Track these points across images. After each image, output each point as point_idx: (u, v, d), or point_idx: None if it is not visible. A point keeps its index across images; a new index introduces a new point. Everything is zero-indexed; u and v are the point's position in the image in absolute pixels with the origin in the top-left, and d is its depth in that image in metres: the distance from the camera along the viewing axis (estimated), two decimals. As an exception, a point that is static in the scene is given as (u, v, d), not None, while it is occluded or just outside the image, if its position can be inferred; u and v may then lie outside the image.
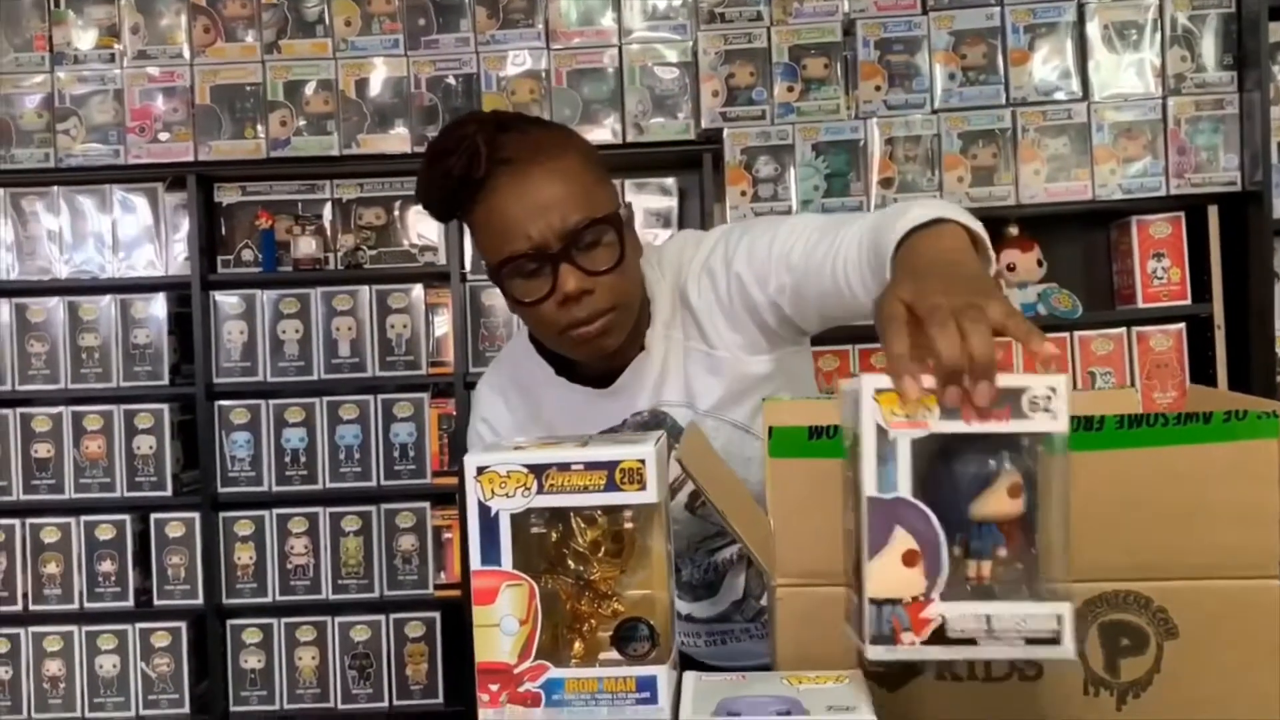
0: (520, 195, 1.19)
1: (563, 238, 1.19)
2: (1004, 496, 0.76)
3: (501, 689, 0.78)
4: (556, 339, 1.26)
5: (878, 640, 0.75)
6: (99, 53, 2.77)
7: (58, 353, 2.79)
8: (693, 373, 1.31)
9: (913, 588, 0.75)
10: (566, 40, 2.72)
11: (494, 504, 0.78)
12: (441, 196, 1.23)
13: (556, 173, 1.20)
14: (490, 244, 1.23)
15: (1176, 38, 2.63)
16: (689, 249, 1.34)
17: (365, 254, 2.85)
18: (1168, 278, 2.67)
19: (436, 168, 1.22)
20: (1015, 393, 0.75)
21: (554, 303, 1.21)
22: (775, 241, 1.23)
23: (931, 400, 0.74)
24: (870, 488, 0.75)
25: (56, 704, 2.78)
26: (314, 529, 2.78)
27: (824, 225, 1.21)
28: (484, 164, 1.19)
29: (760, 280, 1.24)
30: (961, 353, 0.75)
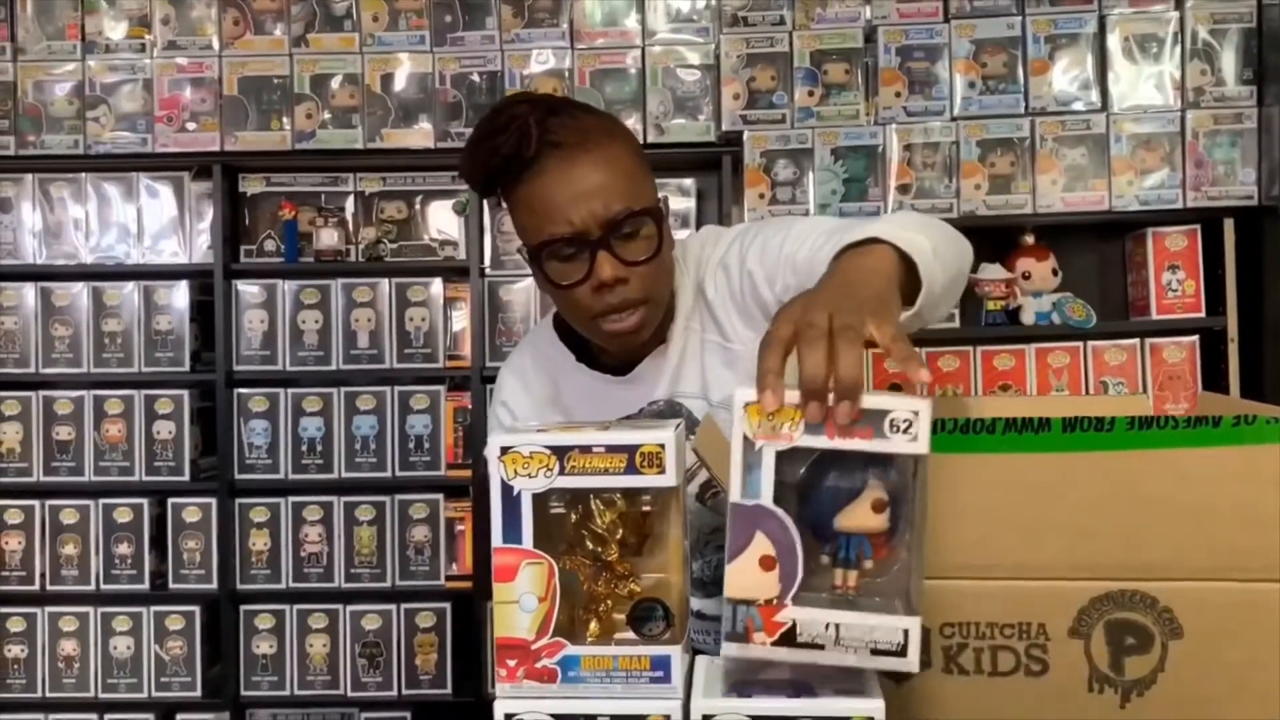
0: (566, 179, 1.21)
1: (604, 225, 1.21)
2: (868, 510, 0.80)
3: (519, 664, 0.80)
4: (588, 325, 1.28)
5: (731, 638, 0.78)
6: (130, 42, 2.81)
7: (81, 337, 2.82)
8: (709, 365, 1.33)
9: (767, 590, 0.78)
10: (590, 40, 2.75)
11: (516, 484, 0.80)
12: (487, 172, 1.25)
13: (603, 160, 1.22)
14: (531, 224, 1.24)
15: (1197, 51, 2.63)
16: (709, 245, 1.36)
17: (386, 247, 2.88)
18: (1182, 290, 2.68)
19: (485, 144, 1.23)
20: (879, 414, 0.77)
21: (589, 288, 1.22)
22: (786, 242, 1.25)
23: (795, 414, 0.78)
24: (735, 494, 0.78)
25: (70, 683, 2.81)
26: (328, 518, 2.81)
27: (832, 229, 1.22)
28: (534, 144, 1.20)
29: (770, 279, 1.26)
30: (824, 372, 0.78)
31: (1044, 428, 0.92)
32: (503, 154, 1.21)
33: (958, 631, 0.95)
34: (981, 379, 2.69)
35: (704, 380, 1.33)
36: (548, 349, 1.41)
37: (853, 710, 0.75)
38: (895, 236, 0.99)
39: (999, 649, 0.95)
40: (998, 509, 0.94)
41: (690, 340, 1.34)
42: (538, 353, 1.42)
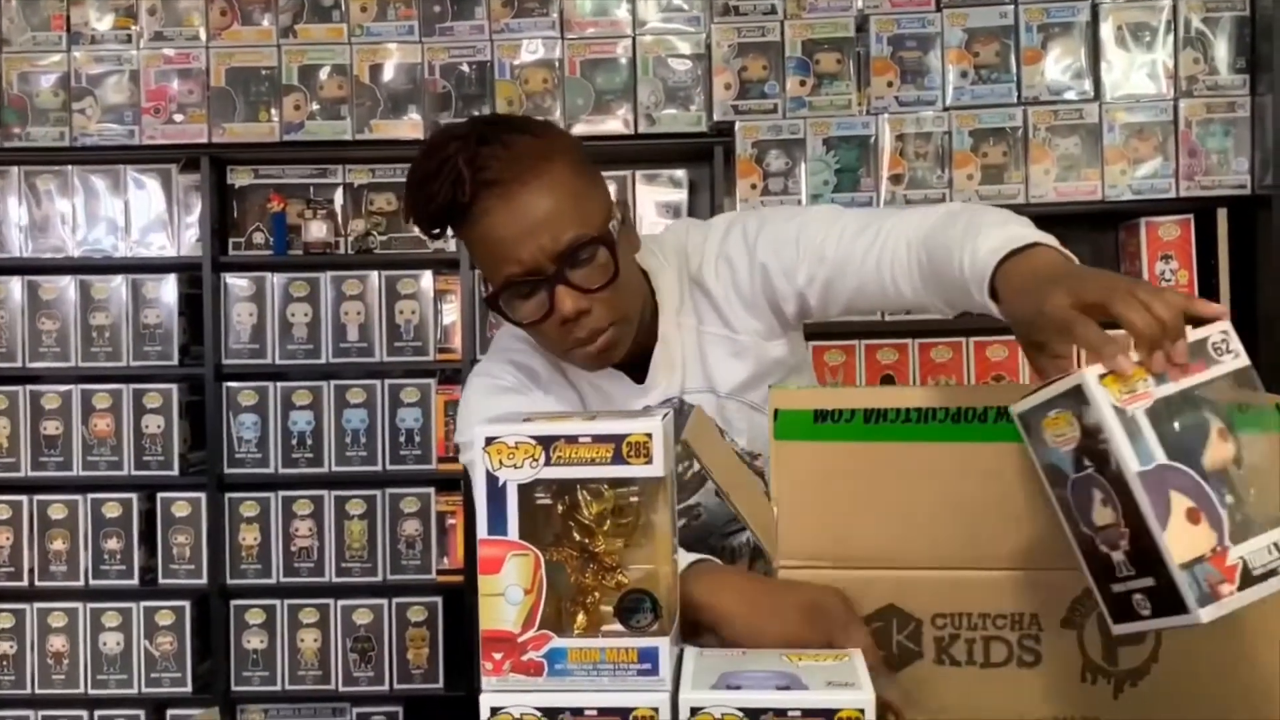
0: (509, 217, 1.17)
1: (555, 259, 1.17)
2: (1220, 443, 0.81)
3: (505, 657, 0.79)
4: (563, 356, 1.27)
5: (1203, 602, 0.77)
6: (116, 33, 2.79)
7: (68, 331, 2.81)
8: (714, 357, 1.31)
9: (1208, 541, 0.78)
10: (580, 30, 2.73)
11: (502, 474, 0.79)
12: (430, 220, 1.22)
13: (543, 189, 1.17)
14: (486, 266, 1.22)
15: (1189, 40, 2.63)
16: (695, 235, 1.33)
17: (375, 239, 2.86)
18: (1176, 280, 2.67)
19: (421, 193, 1.20)
20: (1199, 345, 0.81)
21: (554, 323, 1.20)
22: (804, 233, 1.24)
23: (1141, 372, 0.80)
24: (1133, 464, 0.78)
25: (60, 679, 2.80)
26: (319, 512, 2.80)
27: (857, 219, 1.22)
28: (469, 187, 1.16)
29: (788, 271, 1.24)
30: (1155, 321, 0.81)
31: (1037, 418, 0.91)
32: (439, 202, 1.18)
33: (950, 622, 0.95)
34: (974, 370, 2.69)
35: (707, 373, 1.31)
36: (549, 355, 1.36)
37: (843, 702, 0.74)
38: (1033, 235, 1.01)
39: (991, 640, 0.94)
40: (990, 499, 0.94)
41: (685, 334, 1.31)
42: (531, 358, 1.35)
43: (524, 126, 1.24)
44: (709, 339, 1.31)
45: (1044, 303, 0.88)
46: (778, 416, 0.95)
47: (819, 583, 0.95)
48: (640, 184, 2.78)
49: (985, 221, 1.06)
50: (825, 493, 0.96)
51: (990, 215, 1.09)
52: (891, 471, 0.94)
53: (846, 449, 0.94)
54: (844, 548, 0.95)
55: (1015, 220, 1.07)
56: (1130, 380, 0.80)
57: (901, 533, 0.94)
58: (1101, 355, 0.82)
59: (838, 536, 0.95)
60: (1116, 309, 0.83)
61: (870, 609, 0.95)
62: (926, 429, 0.93)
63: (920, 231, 1.14)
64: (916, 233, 1.15)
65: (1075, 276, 0.91)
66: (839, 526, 0.95)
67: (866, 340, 2.68)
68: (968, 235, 1.05)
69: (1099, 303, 0.84)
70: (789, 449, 0.96)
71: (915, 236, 1.15)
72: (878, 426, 0.94)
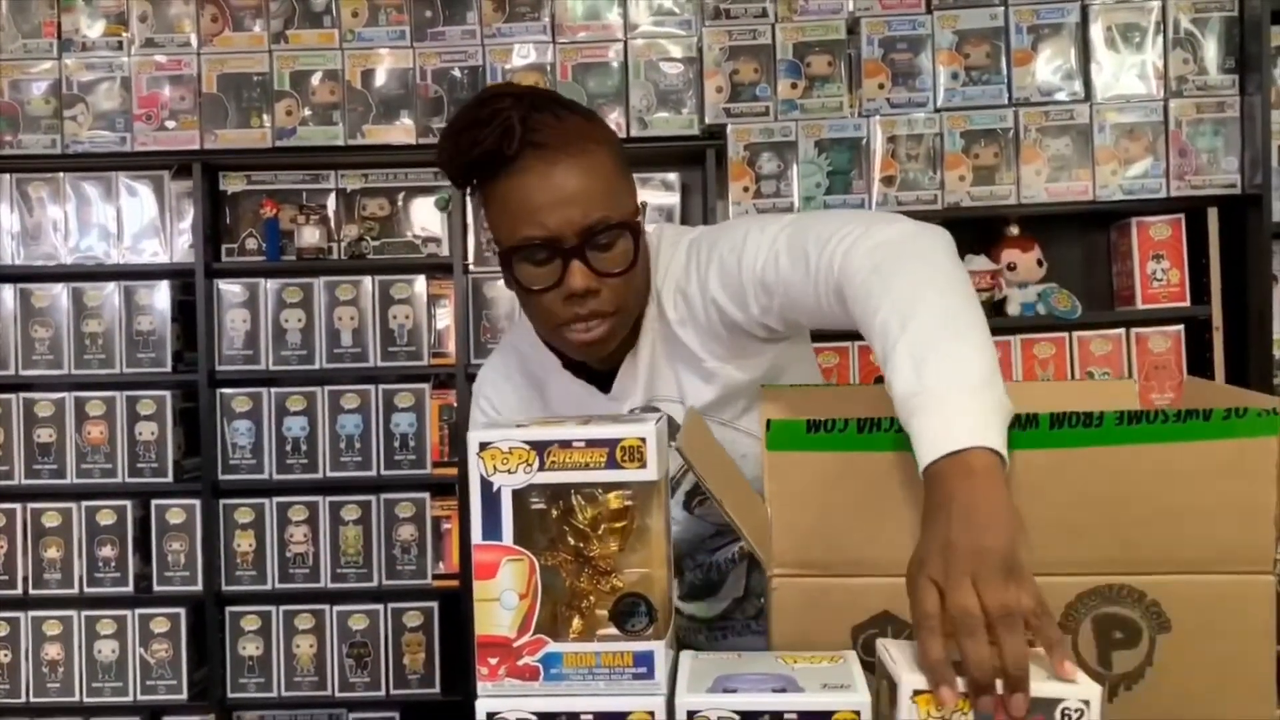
0: (546, 182, 1.17)
1: (580, 233, 1.18)
2: None
3: (500, 662, 0.79)
4: (552, 331, 1.25)
5: None
6: (107, 40, 2.78)
7: (61, 338, 2.80)
8: (683, 375, 1.29)
9: None
10: (572, 34, 2.73)
11: (496, 480, 0.79)
12: (466, 164, 1.21)
13: (585, 166, 1.18)
14: (505, 224, 1.21)
15: (1179, 40, 2.64)
16: (664, 253, 1.30)
17: (369, 244, 2.86)
18: (1167, 279, 2.68)
19: (466, 135, 1.19)
20: (1051, 703, 0.76)
21: (558, 295, 1.19)
22: (744, 261, 1.19)
23: (965, 705, 0.76)
24: None
25: (55, 688, 2.79)
26: (314, 518, 2.79)
27: (788, 241, 1.16)
28: (517, 142, 1.16)
29: (739, 303, 1.21)
30: (993, 668, 0.77)
31: (1031, 423, 0.91)
32: (484, 148, 1.17)
33: (944, 627, 0.94)
34: (968, 371, 2.68)
35: (680, 388, 1.30)
36: (533, 353, 1.37)
37: (838, 705, 0.75)
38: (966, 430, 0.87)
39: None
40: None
41: (659, 346, 1.30)
42: (524, 356, 1.39)
43: (575, 107, 1.25)
44: (678, 357, 1.29)
45: (915, 570, 0.84)
46: (770, 427, 0.95)
47: (813, 589, 0.95)
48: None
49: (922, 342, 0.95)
50: (819, 501, 0.95)
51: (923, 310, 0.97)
52: (885, 480, 0.93)
53: (840, 458, 0.94)
54: (838, 555, 0.95)
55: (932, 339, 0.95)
56: (947, 710, 0.76)
57: (896, 540, 0.93)
58: (929, 677, 0.78)
59: (832, 544, 0.95)
60: (961, 639, 0.78)
61: (864, 616, 0.95)
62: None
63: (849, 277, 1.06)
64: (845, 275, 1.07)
65: (954, 556, 0.82)
66: (833, 535, 0.95)
67: (860, 342, 2.69)
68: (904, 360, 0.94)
69: (956, 620, 0.79)
70: (783, 459, 0.96)
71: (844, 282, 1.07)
72: (871, 436, 0.94)
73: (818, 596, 0.95)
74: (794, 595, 0.95)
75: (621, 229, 1.20)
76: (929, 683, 0.77)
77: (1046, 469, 0.91)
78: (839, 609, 0.94)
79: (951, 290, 1.00)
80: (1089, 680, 0.77)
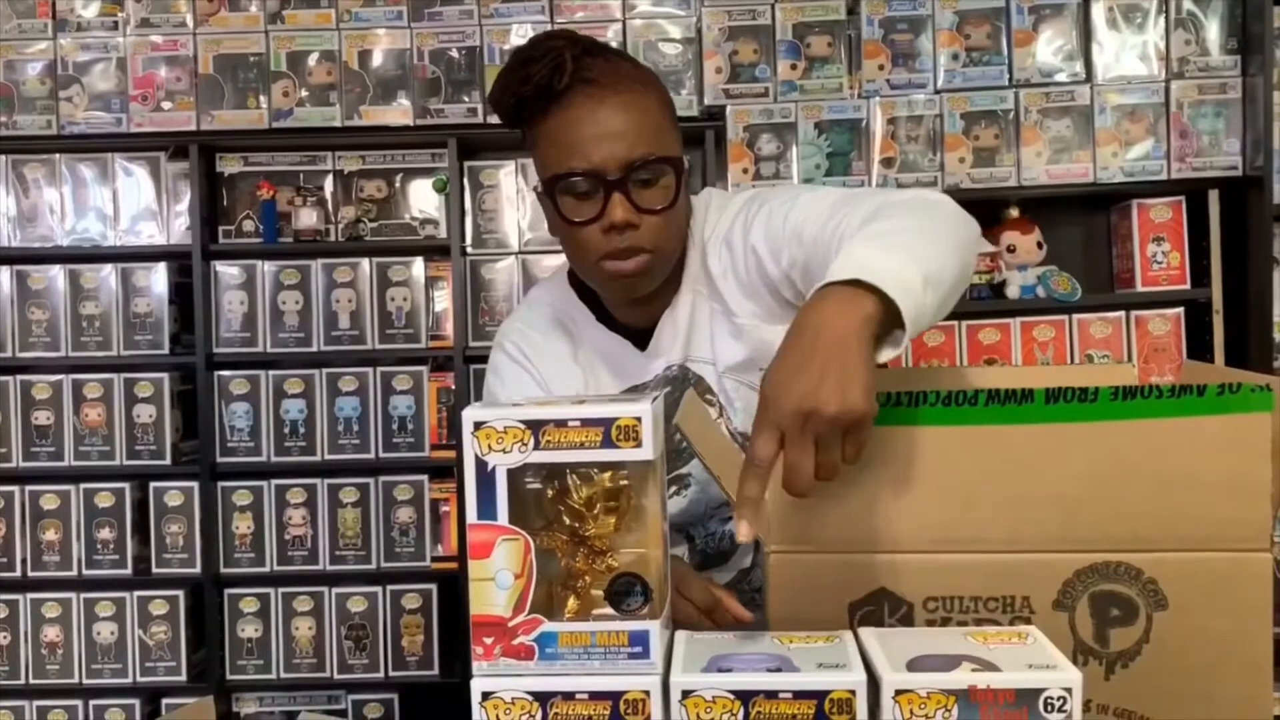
0: (593, 116, 1.21)
1: (623, 167, 1.21)
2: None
3: (496, 642, 0.79)
4: (591, 267, 1.28)
5: None
6: (102, 20, 2.77)
7: (58, 321, 2.79)
8: (717, 333, 1.32)
9: None
10: (570, 14, 2.72)
11: (490, 459, 0.79)
12: (516, 101, 1.24)
13: (633, 105, 1.23)
14: (551, 157, 1.24)
15: (1180, 21, 2.62)
16: (713, 211, 1.35)
17: (366, 226, 2.85)
18: (1167, 262, 2.67)
19: (518, 73, 1.23)
20: (1034, 693, 0.75)
21: (598, 228, 1.23)
22: (791, 215, 1.23)
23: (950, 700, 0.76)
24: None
25: (54, 670, 2.80)
26: (312, 500, 2.79)
27: (836, 202, 1.20)
28: (567, 78, 1.21)
29: (774, 254, 1.25)
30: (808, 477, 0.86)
31: (1027, 399, 0.91)
32: (535, 83, 1.21)
33: (941, 605, 0.94)
34: (966, 353, 2.69)
35: (713, 346, 1.32)
36: (566, 305, 1.40)
37: (834, 684, 0.74)
38: (882, 273, 0.90)
39: (983, 622, 0.94)
40: (981, 481, 0.93)
41: (699, 303, 1.33)
42: (556, 307, 1.42)
43: (630, 57, 1.33)
44: (715, 315, 1.32)
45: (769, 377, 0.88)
46: (770, 401, 0.95)
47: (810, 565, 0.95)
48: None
49: (878, 220, 1.04)
50: (816, 477, 0.95)
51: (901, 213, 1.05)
52: (882, 455, 0.93)
53: None
54: (835, 531, 0.95)
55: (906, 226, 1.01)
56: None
57: (892, 516, 0.93)
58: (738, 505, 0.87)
59: (828, 520, 0.95)
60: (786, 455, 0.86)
61: (862, 592, 0.95)
62: (916, 412, 0.93)
63: (858, 219, 1.12)
64: (855, 220, 1.12)
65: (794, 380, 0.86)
66: (829, 511, 0.95)
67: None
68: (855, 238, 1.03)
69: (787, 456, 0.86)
70: (780, 434, 0.95)
71: (852, 225, 1.12)
72: (868, 411, 0.93)
73: (815, 573, 0.95)
74: (791, 571, 0.95)
75: (664, 165, 1.24)
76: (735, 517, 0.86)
77: (1042, 445, 0.91)
78: (836, 585, 0.94)
79: (943, 225, 1.05)
80: (1070, 667, 0.77)
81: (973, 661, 0.77)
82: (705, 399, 1.32)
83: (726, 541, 1.42)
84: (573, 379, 1.37)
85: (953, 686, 0.74)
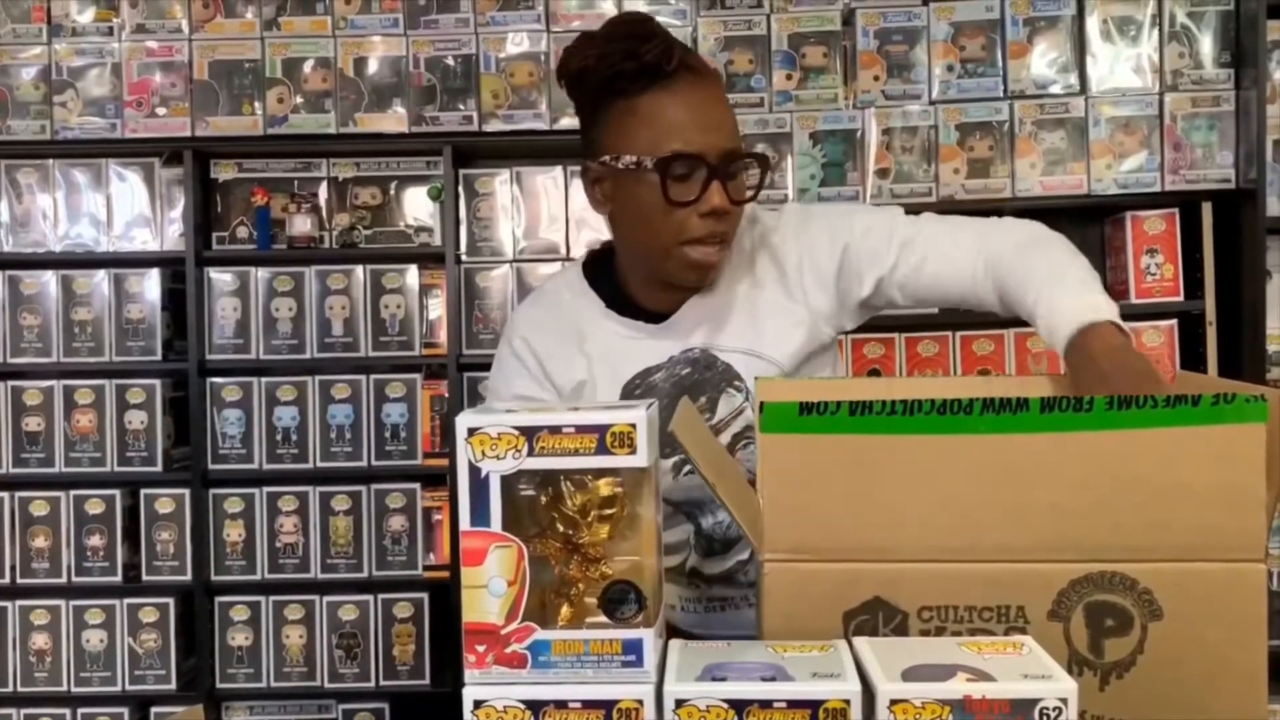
0: (700, 103, 1.26)
1: (724, 156, 1.25)
2: None
3: (488, 650, 0.78)
4: (672, 250, 1.28)
5: None
6: (97, 25, 2.77)
7: (50, 326, 2.78)
8: (770, 321, 1.35)
9: None
10: (566, 23, 2.72)
11: (484, 465, 0.78)
12: (612, 72, 1.25)
13: (725, 101, 1.30)
14: (647, 136, 1.25)
15: (1175, 34, 2.63)
16: (767, 211, 1.41)
17: (360, 233, 2.85)
18: (1161, 274, 2.68)
19: (622, 45, 1.24)
20: (1029, 703, 0.75)
21: (694, 212, 1.25)
22: (894, 224, 1.33)
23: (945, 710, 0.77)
24: None
25: (43, 677, 2.78)
26: (304, 508, 2.78)
27: (939, 221, 1.33)
28: (676, 61, 1.24)
29: (873, 254, 1.32)
30: None
31: (1023, 408, 0.91)
32: (643, 60, 1.23)
33: (936, 615, 0.94)
34: (960, 363, 2.69)
35: (756, 333, 1.34)
36: (573, 299, 1.40)
37: (829, 693, 0.74)
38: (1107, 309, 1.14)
39: (978, 632, 0.94)
40: (976, 491, 0.93)
41: (738, 292, 1.35)
42: (561, 303, 1.41)
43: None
44: (766, 304, 1.35)
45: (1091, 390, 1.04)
46: (764, 409, 0.95)
47: (805, 574, 0.94)
48: (627, 178, 2.77)
49: (1063, 272, 1.19)
50: (811, 485, 0.95)
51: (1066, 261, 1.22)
52: (877, 464, 0.93)
53: (832, 441, 0.94)
54: (830, 540, 0.94)
55: (1088, 278, 1.18)
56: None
57: (887, 525, 0.93)
58: None
59: (824, 529, 0.94)
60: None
61: (856, 602, 0.94)
62: (912, 421, 0.93)
63: (1003, 247, 1.26)
64: (998, 247, 1.26)
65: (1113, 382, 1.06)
66: (825, 519, 0.94)
67: (853, 335, 2.67)
68: (1047, 281, 1.18)
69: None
70: (775, 441, 0.95)
71: (996, 251, 1.26)
72: (863, 419, 0.93)
73: (810, 582, 0.94)
74: (786, 580, 0.95)
75: (755, 160, 1.31)
76: None
77: (1038, 454, 0.91)
78: (831, 595, 0.94)
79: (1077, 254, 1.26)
80: (1065, 677, 0.76)
81: (968, 671, 0.77)
82: (733, 386, 1.34)
83: (734, 531, 1.42)
84: (575, 368, 1.37)
85: (948, 696, 0.74)
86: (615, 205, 1.32)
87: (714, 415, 1.34)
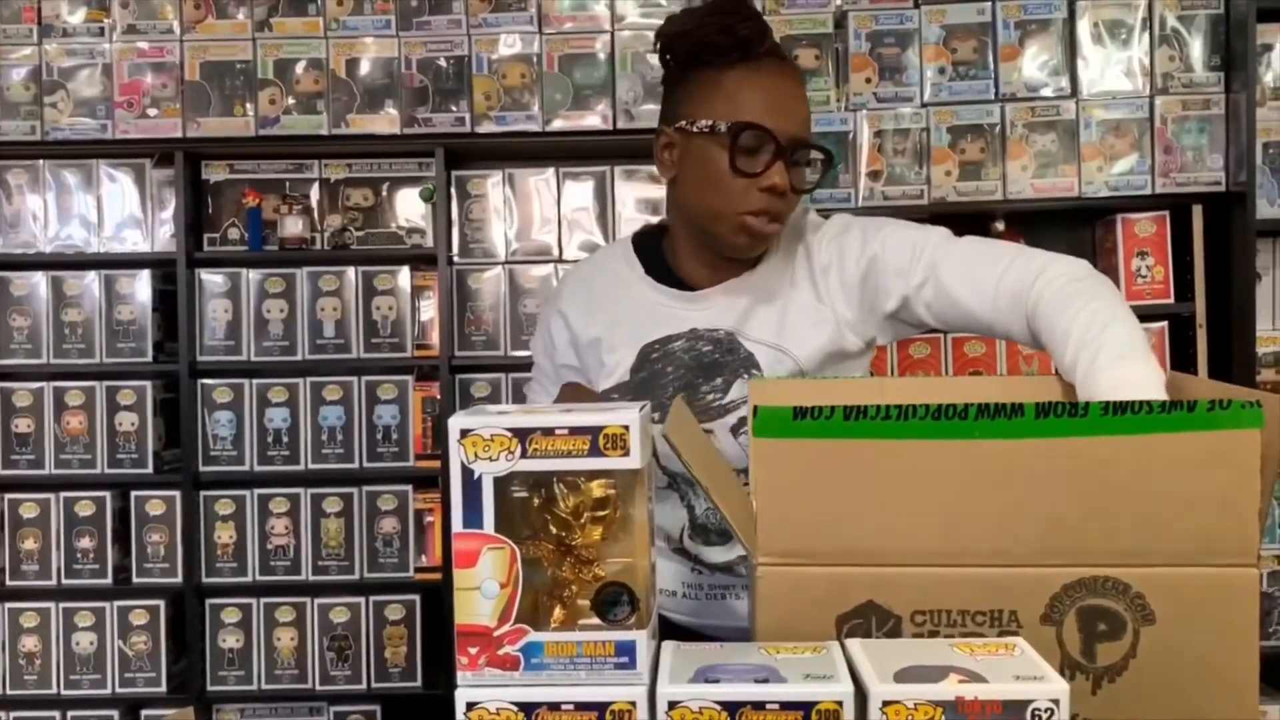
0: (781, 86, 1.33)
1: (791, 141, 1.31)
2: None
3: (481, 652, 0.78)
4: (730, 218, 1.34)
5: None
6: (88, 26, 2.76)
7: (40, 327, 2.77)
8: (795, 318, 1.38)
9: None
10: (559, 25, 2.72)
11: (477, 467, 0.78)
12: (704, 43, 1.32)
13: (804, 96, 1.37)
14: (728, 107, 1.32)
15: (1165, 37, 2.64)
16: (813, 216, 1.45)
17: (352, 235, 2.84)
18: (1151, 276, 2.69)
19: (717, 20, 1.32)
20: (1021, 704, 0.75)
21: (757, 185, 1.31)
22: (926, 241, 1.34)
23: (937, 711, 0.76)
24: None
25: (32, 680, 2.77)
26: (295, 509, 2.77)
27: (978, 244, 1.34)
28: (767, 43, 1.32)
29: (901, 269, 1.34)
30: None
31: (1017, 413, 0.91)
32: (737, 35, 1.30)
33: (929, 619, 0.94)
34: (952, 365, 2.70)
35: (782, 328, 1.37)
36: (614, 263, 1.49)
37: (821, 695, 0.74)
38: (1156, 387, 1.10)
39: (970, 636, 0.94)
40: (970, 495, 0.93)
41: (774, 285, 1.40)
42: (604, 264, 1.51)
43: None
44: (797, 303, 1.39)
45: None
46: (757, 413, 0.95)
47: (798, 579, 0.94)
48: (619, 180, 2.77)
49: (1100, 335, 1.15)
50: (804, 490, 0.95)
51: (1108, 317, 1.17)
52: (871, 469, 0.93)
53: (826, 446, 0.94)
54: (823, 544, 0.94)
55: (1129, 336, 1.15)
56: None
57: (881, 530, 0.93)
58: None
59: (817, 533, 0.94)
60: None
61: (849, 606, 0.94)
62: (907, 426, 0.93)
63: (1043, 286, 1.24)
64: (1036, 284, 1.24)
65: None
66: (818, 523, 0.94)
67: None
68: (1085, 344, 1.15)
69: None
70: (768, 446, 0.95)
71: (1033, 288, 1.24)
72: (857, 424, 0.93)
73: (803, 586, 0.94)
74: (779, 584, 0.95)
75: (822, 154, 1.38)
76: None
77: (1031, 459, 0.91)
78: (824, 598, 0.94)
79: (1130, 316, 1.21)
80: (1057, 678, 0.76)
81: (960, 673, 0.77)
82: (750, 374, 1.37)
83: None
84: (595, 324, 1.44)
85: (940, 697, 0.74)
86: (681, 170, 1.38)
87: (726, 395, 1.37)
